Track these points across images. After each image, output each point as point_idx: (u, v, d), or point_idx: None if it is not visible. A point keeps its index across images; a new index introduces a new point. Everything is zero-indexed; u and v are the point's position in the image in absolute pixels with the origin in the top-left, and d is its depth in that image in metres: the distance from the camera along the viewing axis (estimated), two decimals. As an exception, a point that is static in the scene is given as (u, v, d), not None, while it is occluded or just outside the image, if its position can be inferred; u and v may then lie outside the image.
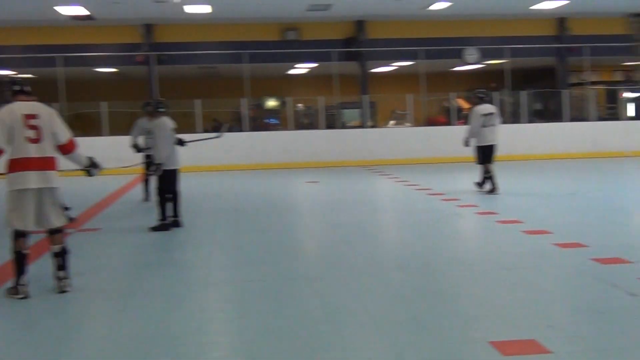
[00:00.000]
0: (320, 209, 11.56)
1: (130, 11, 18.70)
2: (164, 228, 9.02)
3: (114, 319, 5.22)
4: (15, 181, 5.75)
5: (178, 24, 20.92)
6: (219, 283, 6.27)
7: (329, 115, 22.94)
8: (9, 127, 5.70)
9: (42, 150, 5.81)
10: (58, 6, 17.52)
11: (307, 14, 19.67)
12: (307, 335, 4.69)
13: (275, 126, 25.18)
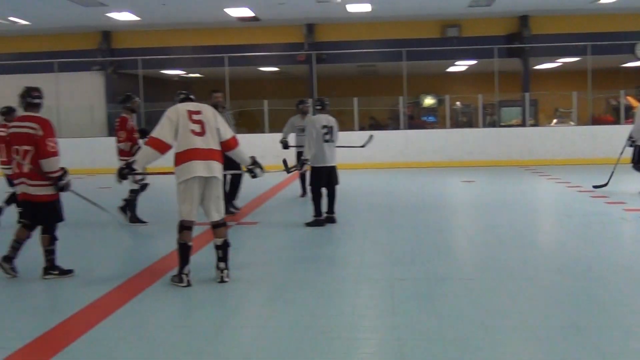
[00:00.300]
0: (475, 209, 11.35)
1: (293, 11, 19.23)
2: (319, 224, 9.22)
3: (268, 311, 5.41)
4: (182, 172, 6.06)
5: (338, 23, 21.26)
6: (371, 280, 6.32)
7: (487, 113, 22.44)
8: (175, 124, 6.04)
9: (206, 143, 6.10)
10: (227, 8, 18.38)
11: (469, 10, 19.34)
12: (458, 336, 4.64)
13: (431, 124, 24.99)
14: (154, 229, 9.54)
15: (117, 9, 18.20)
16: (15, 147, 6.42)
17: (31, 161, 6.35)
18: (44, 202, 6.45)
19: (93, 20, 19.93)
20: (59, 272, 6.55)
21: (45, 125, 6.39)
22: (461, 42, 20.90)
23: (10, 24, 19.92)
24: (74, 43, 22.03)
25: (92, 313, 5.41)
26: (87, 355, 4.43)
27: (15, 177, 6.48)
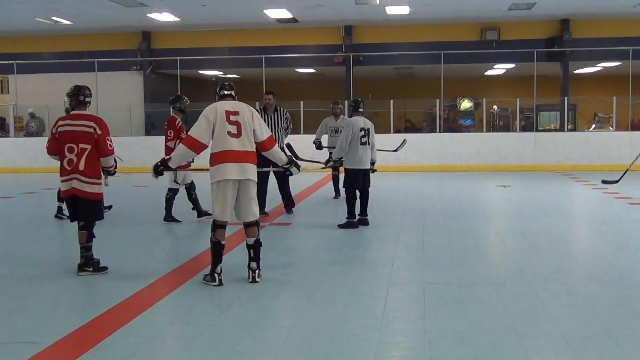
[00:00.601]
0: (509, 214, 11.25)
1: (331, 13, 19.26)
2: (352, 226, 9.22)
3: (298, 311, 5.43)
4: (216, 173, 6.10)
5: (376, 25, 21.24)
6: (402, 283, 6.31)
7: (525, 117, 22.22)
8: (212, 124, 6.08)
9: (242, 144, 6.13)
10: (266, 9, 18.49)
11: (509, 13, 19.18)
12: (489, 342, 4.61)
13: (467, 127, 24.83)
14: (189, 228, 9.62)
15: (158, 9, 18.43)
16: (70, 144, 6.54)
17: (87, 159, 6.49)
18: (92, 200, 6.60)
19: (133, 21, 20.20)
20: (94, 269, 6.65)
21: (101, 124, 6.60)
22: (500, 45, 20.76)
23: (53, 24, 20.29)
24: (114, 43, 22.37)
25: (124, 310, 5.48)
26: (118, 352, 4.49)
27: (67, 173, 6.59)
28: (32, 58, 22.54)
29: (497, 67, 24.40)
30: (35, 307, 5.65)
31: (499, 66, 24.23)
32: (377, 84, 27.32)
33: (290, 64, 22.82)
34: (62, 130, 6.61)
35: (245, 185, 6.19)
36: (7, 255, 7.91)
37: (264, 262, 6.41)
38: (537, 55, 20.05)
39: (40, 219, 10.88)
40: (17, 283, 6.49)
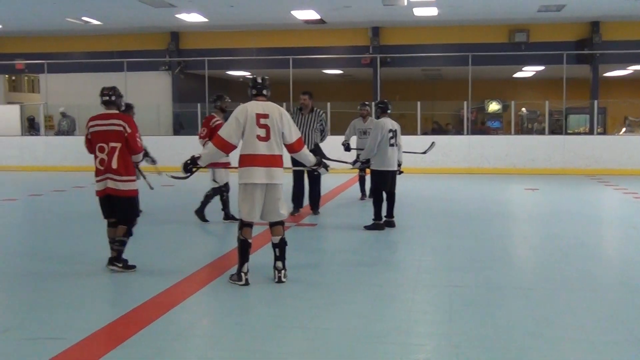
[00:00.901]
0: (537, 218, 11.15)
1: (359, 15, 19.26)
2: (378, 227, 9.21)
3: (323, 312, 5.43)
4: (244, 175, 6.17)
5: (404, 27, 21.20)
6: (428, 286, 6.29)
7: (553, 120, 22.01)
8: (242, 126, 6.13)
9: (270, 148, 6.18)
10: (294, 11, 18.54)
11: (538, 15, 19.04)
12: (515, 347, 4.58)
13: (495, 130, 24.66)
14: (216, 228, 9.67)
15: (186, 10, 18.55)
16: (101, 144, 6.64)
17: (118, 157, 6.58)
18: (128, 197, 6.70)
19: (162, 21, 20.36)
20: (123, 266, 6.73)
21: (130, 122, 6.70)
22: (529, 47, 20.61)
23: (83, 24, 20.53)
24: (143, 43, 22.57)
25: (151, 308, 5.53)
26: (144, 349, 4.53)
27: (101, 173, 6.68)
28: (63, 58, 22.82)
29: (526, 69, 24.22)
30: (64, 303, 5.72)
31: (527, 68, 24.05)
32: (405, 85, 27.25)
33: (318, 65, 22.86)
34: (93, 130, 6.70)
35: (272, 188, 6.24)
36: (37, 252, 8.02)
37: (290, 262, 6.42)
38: (566, 57, 19.84)
39: (70, 217, 11.00)
40: (46, 279, 6.57)
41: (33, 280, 6.60)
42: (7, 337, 4.77)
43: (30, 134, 22.15)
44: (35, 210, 12.30)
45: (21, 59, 23.18)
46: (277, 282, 6.25)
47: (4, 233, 9.87)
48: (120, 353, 4.46)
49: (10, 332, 4.87)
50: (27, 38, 23.19)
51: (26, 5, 17.94)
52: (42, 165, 20.11)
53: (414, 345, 4.65)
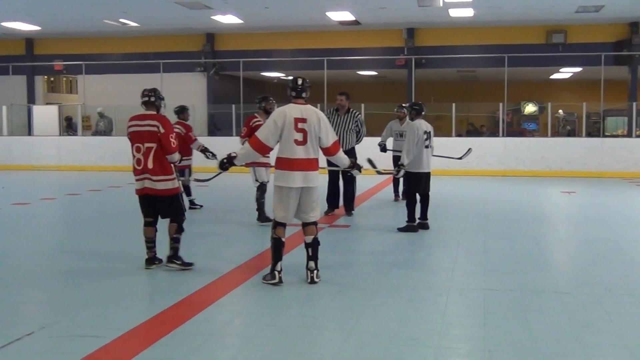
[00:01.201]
0: (573, 221, 11.00)
1: (394, 16, 19.19)
2: (412, 229, 9.16)
3: (357, 314, 5.41)
4: (281, 178, 6.23)
5: (439, 28, 21.08)
6: (463, 289, 6.24)
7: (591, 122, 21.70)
8: (280, 129, 6.17)
9: (307, 152, 6.23)
10: (329, 12, 18.55)
11: (576, 15, 18.79)
12: (550, 352, 4.52)
13: (531, 132, 24.41)
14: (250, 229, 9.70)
15: (222, 11, 18.67)
16: (137, 144, 6.72)
17: (154, 157, 6.65)
18: (168, 196, 6.76)
19: (198, 23, 20.52)
20: (181, 263, 6.83)
21: (165, 123, 6.74)
22: (566, 48, 20.35)
23: (120, 26, 20.77)
24: (179, 45, 22.77)
25: (186, 307, 5.57)
26: (178, 348, 4.56)
27: (139, 173, 6.76)
28: (100, 59, 23.14)
29: (563, 70, 23.93)
30: (100, 301, 5.79)
31: (565, 70, 23.77)
32: (439, 86, 27.10)
33: (352, 66, 22.85)
34: (131, 130, 6.80)
35: (308, 191, 6.30)
36: (75, 250, 8.13)
37: (323, 263, 6.43)
38: (604, 59, 19.57)
39: (107, 216, 11.16)
40: (83, 277, 6.65)
41: (70, 278, 6.69)
42: (44, 334, 4.84)
43: (68, 134, 22.49)
44: (72, 209, 12.48)
45: (60, 61, 23.55)
46: (309, 282, 6.26)
47: (43, 231, 10.04)
48: (155, 351, 4.50)
49: (47, 329, 4.93)
50: (66, 40, 23.55)
51: (65, 8, 18.22)
52: (79, 165, 20.40)
53: (448, 349, 4.62)
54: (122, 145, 19.75)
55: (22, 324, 5.04)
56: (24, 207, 11.98)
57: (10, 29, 21.57)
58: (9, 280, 6.64)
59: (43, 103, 24.90)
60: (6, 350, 4.48)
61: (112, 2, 17.36)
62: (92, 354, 4.41)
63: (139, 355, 4.40)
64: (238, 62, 21.66)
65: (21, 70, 23.84)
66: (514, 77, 21.07)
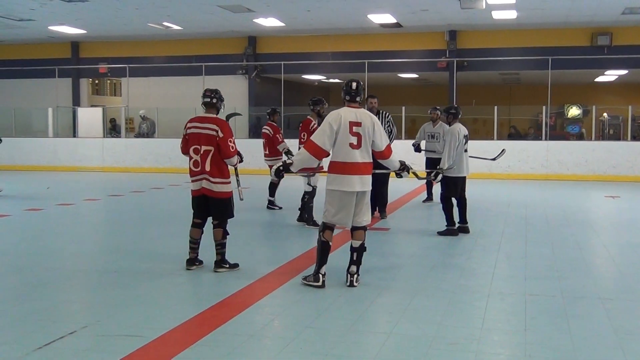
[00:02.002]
0: (617, 226, 10.79)
1: (436, 18, 19.10)
2: (452, 233, 9.10)
3: (396, 317, 5.39)
4: (337, 182, 6.21)
5: (481, 30, 20.92)
6: (503, 293, 6.17)
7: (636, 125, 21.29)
8: (335, 132, 6.15)
9: (362, 156, 6.23)
10: (371, 15, 18.54)
11: (622, 17, 18.47)
12: (593, 358, 4.46)
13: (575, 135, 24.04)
14: (289, 230, 9.74)
15: (264, 15, 18.80)
16: (195, 146, 6.80)
17: (211, 160, 6.73)
18: (223, 199, 6.84)
19: (240, 26, 20.68)
20: (229, 266, 6.92)
21: (224, 127, 6.80)
22: (612, 50, 20.01)
23: (164, 29, 21.04)
24: (221, 48, 22.98)
25: (225, 308, 5.62)
26: (217, 349, 4.60)
27: (196, 174, 6.84)
28: (144, 62, 23.47)
29: (608, 73, 23.53)
30: (141, 301, 5.87)
31: (610, 72, 23.36)
32: (481, 89, 26.87)
33: (393, 68, 22.77)
34: (190, 132, 6.87)
35: (363, 195, 6.31)
36: (116, 251, 8.25)
37: (363, 266, 6.42)
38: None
39: (149, 217, 11.30)
40: (126, 277, 6.75)
41: (112, 278, 6.80)
42: (85, 332, 4.92)
43: (112, 136, 22.85)
44: (115, 210, 12.67)
45: (104, 63, 23.96)
46: (348, 285, 6.26)
47: (86, 232, 10.21)
48: (195, 352, 4.54)
49: (89, 328, 5.02)
50: (110, 43, 23.95)
51: (110, 12, 18.53)
52: (122, 167, 20.71)
53: (488, 354, 4.57)
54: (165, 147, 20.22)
55: (64, 323, 5.14)
56: (68, 208, 12.20)
57: (56, 33, 22.02)
58: (53, 280, 6.77)
59: (88, 105, 25.36)
60: (49, 348, 4.57)
61: (156, 6, 17.61)
62: (133, 354, 4.47)
63: (178, 356, 4.45)
64: (279, 64, 21.76)
65: (67, 73, 24.31)
66: (557, 79, 20.78)
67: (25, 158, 21.21)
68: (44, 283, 6.58)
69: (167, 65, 23.45)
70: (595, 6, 17.27)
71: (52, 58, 24.14)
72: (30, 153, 21.52)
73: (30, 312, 5.48)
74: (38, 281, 6.65)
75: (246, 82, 23.21)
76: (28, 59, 24.32)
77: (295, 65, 22.43)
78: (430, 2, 17.01)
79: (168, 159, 20.43)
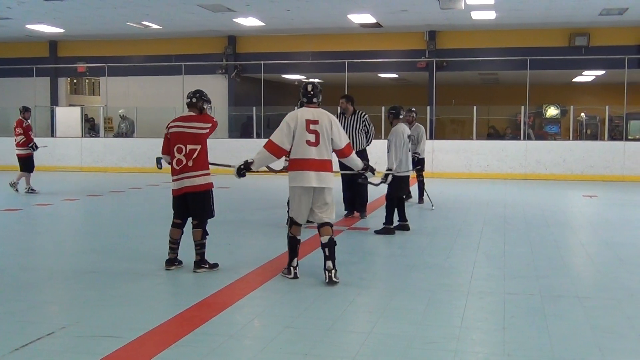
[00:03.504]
0: (595, 225, 10.89)
1: (415, 18, 19.16)
2: (389, 232, 9.20)
3: (376, 317, 5.40)
4: (295, 179, 6.40)
5: (461, 31, 21.02)
6: (482, 292, 6.20)
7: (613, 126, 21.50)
8: (292, 131, 6.34)
9: (319, 153, 6.38)
10: (351, 14, 18.57)
11: (599, 18, 18.65)
12: (570, 356, 4.49)
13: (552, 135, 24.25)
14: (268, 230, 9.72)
15: (244, 14, 18.76)
16: (179, 145, 6.78)
17: (196, 158, 6.75)
18: (204, 192, 6.84)
19: (220, 26, 20.62)
20: (209, 266, 6.91)
21: (208, 120, 6.89)
22: (589, 51, 20.19)
23: (143, 28, 20.93)
24: (200, 47, 22.90)
25: (205, 308, 5.60)
26: (197, 349, 4.58)
27: (177, 173, 6.82)
28: (122, 61, 23.33)
29: (586, 73, 23.74)
30: (120, 302, 5.83)
31: (587, 73, 23.58)
32: (460, 89, 27.00)
33: (373, 68, 22.82)
34: (173, 130, 6.85)
35: (322, 191, 6.44)
36: (94, 251, 8.19)
37: (342, 266, 6.43)
38: (628, 61, 19.39)
39: (127, 217, 11.23)
40: (104, 278, 6.71)
41: (91, 278, 6.75)
42: (64, 333, 4.89)
43: (90, 135, 22.69)
44: (94, 210, 12.58)
45: (83, 63, 23.78)
46: (327, 282, 6.29)
47: (65, 232, 10.14)
48: (173, 352, 4.52)
49: (67, 329, 4.98)
50: (89, 42, 23.78)
51: (89, 10, 18.38)
52: (100, 166, 20.57)
53: (467, 353, 4.60)
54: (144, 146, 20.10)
55: (43, 324, 5.10)
56: (46, 208, 12.10)
57: (34, 31, 21.82)
58: (31, 280, 6.71)
59: (66, 105, 25.16)
60: (27, 350, 4.53)
61: (135, 5, 17.50)
62: (111, 355, 4.44)
63: (158, 356, 4.43)
64: (259, 64, 21.73)
65: (45, 72, 24.10)
66: (536, 80, 20.93)
67: (2, 158, 20.98)
68: (22, 284, 6.53)
69: (146, 64, 23.32)
70: (573, 7, 17.42)
71: (30, 57, 23.93)
72: (7, 153, 21.17)
73: (8, 313, 5.43)
74: (16, 282, 6.59)
75: (226, 81, 23.15)
76: (5, 57, 24.08)
77: (275, 65, 22.40)
78: (409, 3, 17.07)
79: (147, 158, 20.30)
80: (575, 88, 27.75)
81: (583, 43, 20.08)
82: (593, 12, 17.94)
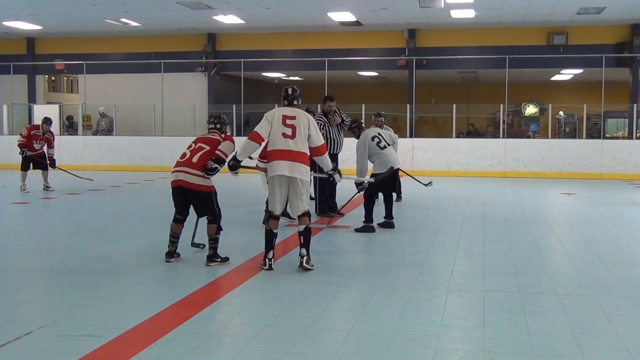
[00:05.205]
0: (574, 223, 10.98)
1: (395, 16, 19.20)
2: (369, 230, 9.25)
3: (356, 315, 5.41)
4: (270, 169, 6.69)
5: (440, 29, 21.10)
6: (462, 290, 6.23)
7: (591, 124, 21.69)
8: (270, 124, 6.69)
9: (295, 145, 6.66)
10: (330, 12, 18.57)
11: (577, 17, 18.81)
12: (550, 353, 4.52)
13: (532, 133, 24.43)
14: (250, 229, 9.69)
15: (223, 12, 18.69)
16: (191, 143, 7.13)
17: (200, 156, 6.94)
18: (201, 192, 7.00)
19: (199, 23, 20.53)
20: (221, 260, 7.06)
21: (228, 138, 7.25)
22: (568, 50, 20.37)
23: (121, 26, 20.78)
24: (180, 45, 22.79)
25: (184, 307, 5.58)
26: (177, 348, 4.56)
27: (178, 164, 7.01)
28: (101, 59, 23.16)
29: (564, 72, 23.94)
30: (99, 301, 5.79)
31: (566, 71, 23.77)
32: (440, 87, 27.12)
33: (353, 66, 22.86)
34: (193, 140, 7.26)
35: (295, 182, 6.68)
36: (73, 250, 8.12)
37: (323, 264, 6.45)
38: (605, 60, 19.59)
39: (107, 216, 11.15)
40: (82, 277, 6.66)
41: (70, 277, 6.70)
42: (42, 333, 4.84)
43: (69, 133, 22.50)
44: (72, 208, 12.48)
45: (61, 60, 23.58)
46: (299, 267, 6.61)
47: (43, 231, 10.05)
48: (153, 351, 4.50)
49: (45, 329, 4.93)
50: (67, 39, 23.57)
51: (66, 7, 18.23)
52: (79, 164, 20.39)
53: (447, 350, 4.62)
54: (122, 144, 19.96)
55: (20, 323, 5.05)
56: (24, 207, 11.99)
57: (11, 28, 21.59)
58: (8, 280, 6.65)
59: (44, 102, 24.94)
60: (5, 350, 4.49)
61: (113, 2, 17.38)
62: (90, 354, 4.41)
63: (137, 355, 4.40)
64: (239, 62, 21.68)
65: (22, 69, 23.88)
66: (514, 78, 21.06)
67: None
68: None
69: (125, 62, 23.15)
70: (552, 6, 17.55)
71: (7, 54, 23.68)
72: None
73: (-15, 313, 5.38)
74: (-8, 282, 6.53)
75: (205, 79, 23.06)
76: (-18, 55, 23.84)
77: (255, 62, 22.37)
78: (389, 1, 17.10)
79: (126, 157, 20.23)
80: (554, 86, 27.97)
81: (561, 42, 20.25)
82: (571, 11, 18.09)
